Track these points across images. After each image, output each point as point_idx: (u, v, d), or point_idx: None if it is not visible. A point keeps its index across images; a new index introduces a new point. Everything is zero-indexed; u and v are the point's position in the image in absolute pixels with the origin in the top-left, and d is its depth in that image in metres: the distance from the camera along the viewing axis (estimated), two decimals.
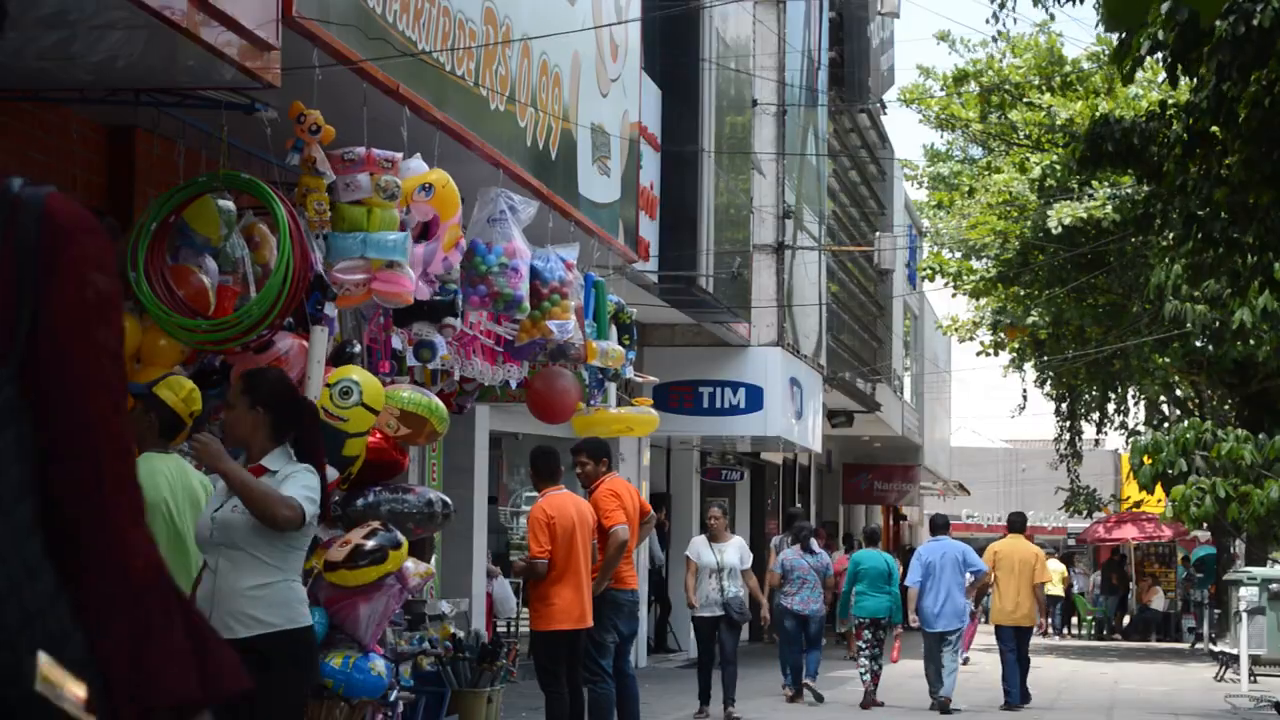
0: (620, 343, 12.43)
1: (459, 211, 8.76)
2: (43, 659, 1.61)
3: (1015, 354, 33.33)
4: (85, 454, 1.74)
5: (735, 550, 15.36)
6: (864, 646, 17.01)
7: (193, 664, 1.77)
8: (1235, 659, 20.77)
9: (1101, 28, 13.27)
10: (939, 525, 17.48)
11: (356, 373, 7.70)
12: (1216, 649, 24.54)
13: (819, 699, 17.11)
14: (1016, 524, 18.41)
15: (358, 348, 8.73)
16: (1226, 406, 31.37)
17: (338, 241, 7.79)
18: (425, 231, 8.55)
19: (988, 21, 30.08)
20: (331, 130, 7.60)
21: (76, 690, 1.60)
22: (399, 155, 8.10)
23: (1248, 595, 20.17)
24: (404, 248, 7.97)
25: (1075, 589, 39.60)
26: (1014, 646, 17.32)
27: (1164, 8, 12.21)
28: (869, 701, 16.87)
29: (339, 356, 8.04)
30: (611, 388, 12.64)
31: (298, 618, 6.12)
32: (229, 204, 7.61)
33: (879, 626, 17.01)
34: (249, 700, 5.93)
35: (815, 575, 16.96)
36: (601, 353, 11.49)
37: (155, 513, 6.81)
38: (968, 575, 16.74)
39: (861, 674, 16.97)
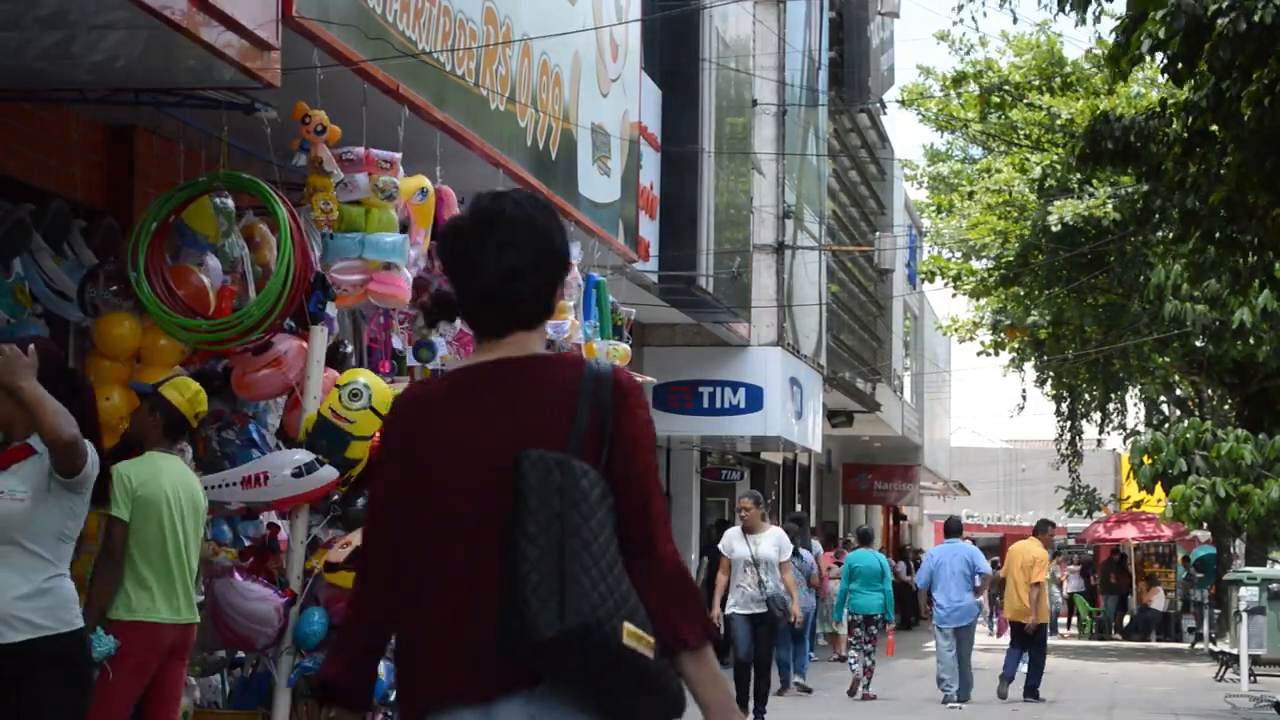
0: None
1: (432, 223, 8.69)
2: (627, 625, 2.95)
3: (1015, 354, 33.30)
4: (646, 513, 3.12)
5: (772, 541, 14.12)
6: (855, 641, 18.06)
7: (702, 619, 3.09)
8: (1235, 659, 20.78)
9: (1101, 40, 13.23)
10: (952, 529, 18.57)
11: (366, 376, 7.63)
12: (1216, 649, 24.55)
13: (807, 690, 18.06)
14: (1035, 528, 19.55)
15: (350, 348, 8.69)
16: (1226, 406, 31.35)
17: (335, 242, 7.78)
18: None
19: (952, 9, 29.96)
20: (337, 130, 7.59)
21: (645, 639, 2.95)
22: (398, 156, 8.08)
23: (1248, 595, 20.19)
24: (402, 249, 7.95)
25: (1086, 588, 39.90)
26: (1016, 641, 18.28)
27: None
28: (856, 689, 17.73)
29: (331, 357, 8.01)
30: None
31: (72, 619, 5.40)
32: (229, 204, 7.59)
33: (872, 623, 17.97)
34: (25, 711, 5.60)
35: (801, 575, 18.03)
36: (601, 352, 11.46)
37: (153, 510, 6.81)
38: (975, 577, 17.57)
39: (851, 665, 18.04)
